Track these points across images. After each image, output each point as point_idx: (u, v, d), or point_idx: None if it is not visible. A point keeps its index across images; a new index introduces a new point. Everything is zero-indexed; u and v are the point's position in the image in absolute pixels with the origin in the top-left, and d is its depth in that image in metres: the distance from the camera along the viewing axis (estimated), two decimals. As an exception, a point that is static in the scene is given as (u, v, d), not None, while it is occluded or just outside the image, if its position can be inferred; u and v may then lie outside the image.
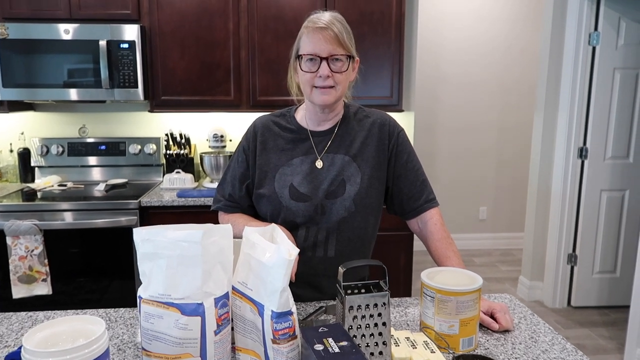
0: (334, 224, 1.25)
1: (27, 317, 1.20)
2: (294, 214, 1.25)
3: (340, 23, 1.20)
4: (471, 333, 1.01)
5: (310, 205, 1.25)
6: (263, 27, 2.73)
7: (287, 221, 1.26)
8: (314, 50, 1.18)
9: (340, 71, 1.20)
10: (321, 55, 1.17)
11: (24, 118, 3.01)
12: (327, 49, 1.17)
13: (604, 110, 3.14)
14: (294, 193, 1.26)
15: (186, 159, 2.93)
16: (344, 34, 1.19)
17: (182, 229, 0.86)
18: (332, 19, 1.19)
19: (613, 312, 3.26)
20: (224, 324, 0.89)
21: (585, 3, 3.05)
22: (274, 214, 1.28)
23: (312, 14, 1.24)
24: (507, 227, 4.67)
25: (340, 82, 1.21)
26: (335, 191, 1.25)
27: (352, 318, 0.92)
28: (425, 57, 4.29)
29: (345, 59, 1.20)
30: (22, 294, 2.35)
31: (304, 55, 1.19)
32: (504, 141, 4.52)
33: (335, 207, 1.25)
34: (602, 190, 3.22)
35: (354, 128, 1.31)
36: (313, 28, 1.18)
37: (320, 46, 1.17)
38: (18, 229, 2.30)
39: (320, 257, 1.26)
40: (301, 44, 1.21)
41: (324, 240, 1.26)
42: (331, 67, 1.18)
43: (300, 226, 1.26)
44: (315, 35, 1.17)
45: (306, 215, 1.25)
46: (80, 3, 2.60)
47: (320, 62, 1.18)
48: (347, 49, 1.20)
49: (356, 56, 1.26)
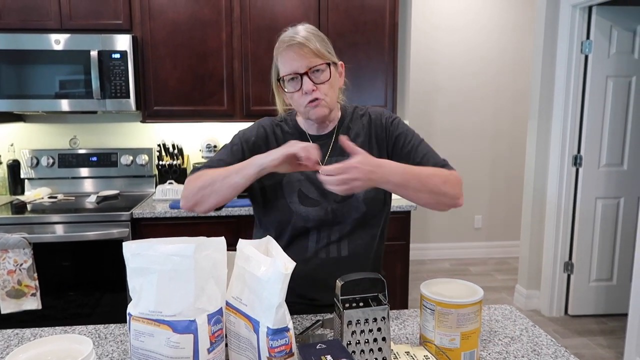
0: (347, 226, 1.24)
1: (14, 335, 1.16)
2: (304, 219, 1.24)
3: (311, 33, 1.18)
4: (473, 347, 0.98)
5: (320, 209, 1.23)
6: (256, 37, 2.71)
7: (297, 227, 1.24)
8: (292, 69, 1.16)
9: (324, 81, 1.18)
10: (299, 71, 1.16)
11: (14, 129, 2.97)
12: (303, 64, 1.15)
13: (598, 117, 3.15)
14: (303, 199, 1.24)
15: (179, 169, 2.89)
16: (317, 43, 1.16)
17: (173, 243, 0.83)
18: (302, 32, 1.17)
19: (611, 321, 3.24)
20: (218, 342, 0.85)
21: (577, 12, 3.07)
22: (282, 220, 1.25)
23: (281, 32, 1.21)
24: (503, 236, 4.66)
25: (326, 92, 1.19)
26: (343, 196, 1.23)
27: (351, 333, 0.89)
28: (418, 65, 4.30)
29: (325, 67, 1.18)
30: (11, 309, 2.29)
31: (284, 77, 1.18)
32: (498, 149, 4.53)
33: (347, 210, 1.24)
34: (597, 197, 3.22)
35: (352, 128, 1.30)
36: (284, 48, 1.16)
37: (296, 63, 1.15)
38: (7, 242, 2.25)
39: (334, 257, 1.25)
40: (279, 65, 1.20)
41: (337, 241, 1.25)
42: (313, 79, 1.16)
43: (312, 230, 1.25)
44: (288, 54, 1.15)
45: (317, 219, 1.24)
46: (72, 13, 2.58)
47: (301, 78, 1.16)
48: (324, 57, 1.17)
49: (337, 61, 1.24)
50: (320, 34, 1.21)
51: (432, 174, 1.11)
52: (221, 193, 1.13)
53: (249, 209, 2.51)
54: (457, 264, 4.44)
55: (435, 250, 4.59)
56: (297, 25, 1.21)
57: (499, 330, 1.15)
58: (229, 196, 1.14)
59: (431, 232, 4.58)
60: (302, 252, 1.25)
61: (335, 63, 1.22)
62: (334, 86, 1.22)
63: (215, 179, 1.14)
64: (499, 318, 1.22)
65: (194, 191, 1.16)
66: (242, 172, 1.11)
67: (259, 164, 1.09)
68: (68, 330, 1.19)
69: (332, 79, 1.20)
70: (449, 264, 4.44)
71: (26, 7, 2.55)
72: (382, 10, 2.76)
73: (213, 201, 1.15)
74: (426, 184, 1.09)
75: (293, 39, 1.15)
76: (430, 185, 1.10)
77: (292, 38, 1.15)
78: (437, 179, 1.11)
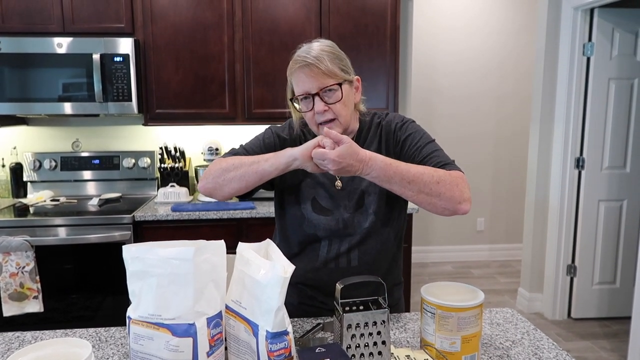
0: (357, 237, 1.24)
1: (15, 338, 1.16)
2: (315, 227, 1.24)
3: (325, 51, 1.16)
4: (473, 350, 0.98)
5: (332, 219, 1.24)
6: (258, 40, 2.72)
7: (308, 234, 1.25)
8: (304, 89, 1.16)
9: (336, 101, 1.16)
10: (311, 92, 1.15)
11: (17, 132, 2.98)
12: (315, 85, 1.14)
13: (600, 120, 3.14)
14: (316, 206, 1.25)
15: (181, 172, 2.90)
16: (329, 63, 1.14)
17: (173, 246, 0.83)
18: (314, 51, 1.15)
19: (614, 324, 3.22)
20: (217, 345, 0.85)
21: (579, 14, 3.07)
22: (294, 223, 1.27)
23: (298, 48, 1.20)
24: (505, 238, 4.64)
25: (340, 112, 1.18)
26: (355, 205, 1.24)
27: (351, 337, 0.89)
28: (420, 69, 4.30)
29: (337, 87, 1.16)
30: (13, 312, 2.30)
31: (298, 96, 1.19)
32: (500, 152, 4.52)
33: (357, 220, 1.24)
34: (600, 200, 3.20)
35: (368, 138, 1.29)
36: (297, 68, 1.16)
37: (307, 84, 1.15)
38: (9, 245, 2.25)
39: (343, 267, 1.25)
40: (293, 83, 1.20)
41: (346, 252, 1.25)
42: (325, 100, 1.16)
43: (323, 239, 1.25)
44: (300, 74, 1.15)
45: (327, 229, 1.24)
46: (74, 17, 2.59)
47: (313, 99, 1.16)
48: (336, 76, 1.15)
49: (352, 77, 1.21)
50: (335, 50, 1.19)
51: (422, 172, 1.07)
52: (245, 178, 1.13)
53: (250, 212, 2.51)
54: (460, 267, 4.43)
55: (438, 253, 4.58)
56: (313, 42, 1.20)
57: (500, 334, 1.15)
58: (253, 183, 1.14)
59: (433, 234, 4.57)
60: (312, 260, 1.26)
61: (350, 80, 1.20)
62: (347, 104, 1.19)
63: (243, 163, 1.14)
64: (500, 321, 1.22)
65: (217, 173, 1.16)
66: (272, 161, 1.11)
67: (290, 154, 1.09)
68: (69, 334, 1.19)
69: (344, 98, 1.18)
70: (451, 267, 4.43)
71: (29, 11, 2.57)
72: (383, 13, 2.76)
73: (235, 186, 1.15)
74: (413, 181, 1.06)
75: (304, 59, 1.14)
76: (419, 184, 1.06)
77: (304, 59, 1.14)
78: (427, 177, 1.06)
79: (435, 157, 1.18)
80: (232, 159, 1.18)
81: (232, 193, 1.17)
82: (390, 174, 1.05)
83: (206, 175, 1.19)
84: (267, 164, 1.11)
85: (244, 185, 1.15)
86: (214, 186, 1.17)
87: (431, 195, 1.07)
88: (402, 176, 1.06)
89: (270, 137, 1.29)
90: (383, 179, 1.06)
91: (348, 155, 1.02)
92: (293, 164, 1.09)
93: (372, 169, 1.05)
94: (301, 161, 1.08)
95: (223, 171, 1.16)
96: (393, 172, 1.05)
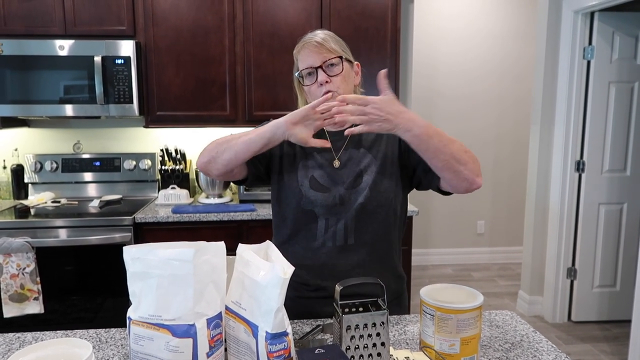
0: (352, 212, 1.27)
1: (15, 339, 1.16)
2: (312, 203, 1.28)
3: (327, 34, 1.29)
4: (472, 352, 0.98)
5: (329, 196, 1.28)
6: (259, 43, 2.73)
7: (305, 210, 1.29)
8: (308, 64, 1.27)
9: (337, 74, 1.26)
10: (314, 65, 1.26)
11: (18, 134, 2.99)
12: (318, 59, 1.25)
13: (600, 123, 3.14)
14: (314, 184, 1.30)
15: (181, 174, 2.90)
16: (331, 41, 1.27)
17: (173, 247, 0.84)
18: (320, 35, 1.28)
19: (614, 327, 3.22)
20: (217, 346, 0.86)
21: (579, 17, 3.08)
22: (292, 203, 1.31)
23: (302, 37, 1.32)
24: (506, 241, 4.64)
25: (339, 84, 1.26)
26: (353, 182, 1.29)
27: (350, 338, 0.89)
28: (420, 71, 4.31)
29: (338, 60, 1.26)
30: (14, 313, 2.30)
31: (302, 71, 1.28)
32: (500, 155, 4.52)
33: (354, 197, 1.28)
34: (600, 203, 3.21)
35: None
36: (302, 46, 1.29)
37: (311, 59, 1.26)
38: (10, 246, 2.26)
39: (340, 245, 1.28)
40: (298, 63, 1.31)
41: (343, 230, 1.28)
42: (328, 72, 1.26)
43: (320, 217, 1.28)
44: (304, 51, 1.28)
45: (324, 205, 1.28)
46: (76, 19, 2.60)
47: (317, 71, 1.26)
48: (336, 51, 1.26)
49: (352, 60, 1.32)
50: (337, 37, 1.32)
51: (454, 140, 1.13)
52: (234, 148, 1.21)
53: (250, 214, 2.51)
54: (460, 270, 4.43)
55: (438, 255, 4.58)
56: (316, 30, 1.32)
57: (500, 336, 1.15)
58: (242, 153, 1.21)
59: (433, 237, 4.57)
60: (310, 240, 1.29)
61: (350, 61, 1.31)
62: (347, 80, 1.29)
63: (234, 137, 1.24)
64: (499, 323, 1.22)
65: (212, 147, 1.27)
66: (258, 131, 1.20)
67: (274, 122, 1.17)
68: (69, 334, 1.19)
69: (345, 72, 1.27)
70: (451, 270, 4.43)
71: (31, 13, 2.58)
72: (384, 16, 2.77)
73: (227, 156, 1.22)
74: (448, 145, 1.10)
75: (311, 39, 1.27)
76: (452, 148, 1.10)
77: (311, 38, 1.28)
78: (458, 145, 1.12)
79: None
80: (226, 136, 1.28)
81: (224, 164, 1.24)
82: (432, 133, 1.08)
83: (203, 152, 1.29)
84: (253, 133, 1.20)
85: (234, 155, 1.21)
86: (209, 159, 1.25)
87: (460, 163, 1.11)
88: (441, 137, 1.09)
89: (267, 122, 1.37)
90: (424, 137, 1.08)
91: (391, 104, 1.06)
92: (277, 132, 1.17)
93: (415, 124, 1.07)
94: (285, 129, 1.15)
95: (217, 145, 1.26)
96: (434, 131, 1.09)
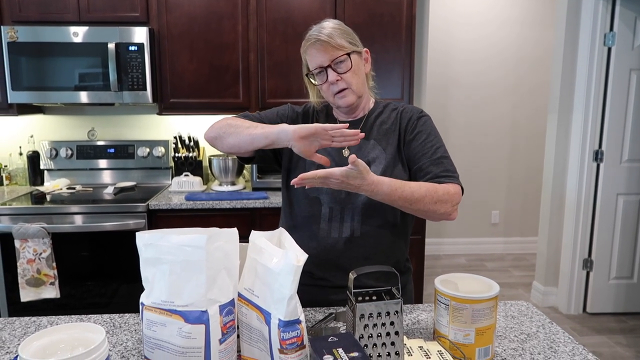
0: (359, 203, 1.27)
1: (31, 322, 1.18)
2: (317, 190, 1.28)
3: (334, 29, 1.25)
4: (488, 342, 0.97)
5: None
6: (272, 30, 2.70)
7: (311, 197, 1.29)
8: (317, 64, 1.26)
9: (346, 71, 1.25)
10: (323, 65, 1.25)
11: (33, 121, 3.01)
12: (325, 58, 1.24)
13: (620, 112, 3.07)
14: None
15: (195, 161, 2.91)
16: (336, 36, 1.23)
17: (185, 233, 0.83)
18: (325, 30, 1.24)
19: (630, 319, 3.18)
20: (230, 332, 0.85)
21: (601, 3, 2.99)
22: (298, 189, 1.30)
23: (309, 29, 1.29)
24: (520, 232, 4.59)
25: (350, 80, 1.26)
26: None
27: (363, 327, 0.88)
28: (435, 58, 4.25)
29: (345, 57, 1.24)
30: (30, 298, 2.34)
31: (312, 71, 1.28)
32: (516, 144, 4.45)
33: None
34: (619, 194, 3.14)
35: (381, 117, 1.35)
36: (307, 46, 1.26)
37: (318, 58, 1.25)
38: (26, 232, 2.29)
39: (346, 237, 1.27)
40: (307, 60, 1.29)
41: (349, 221, 1.27)
42: (337, 70, 1.24)
43: (324, 205, 1.28)
44: (311, 51, 1.26)
45: (329, 192, 1.27)
46: (89, 6, 2.60)
47: (326, 71, 1.25)
48: (343, 47, 1.24)
49: (360, 49, 1.29)
50: (343, 27, 1.28)
51: (424, 195, 1.14)
52: (239, 137, 1.22)
53: (263, 202, 2.51)
54: (473, 260, 4.39)
55: (451, 245, 4.55)
56: (322, 22, 1.28)
57: (515, 327, 1.13)
58: (246, 145, 1.21)
59: (447, 227, 4.53)
60: (315, 228, 1.29)
61: (359, 52, 1.28)
62: (357, 73, 1.27)
63: (244, 124, 1.24)
64: (515, 314, 1.20)
65: (221, 124, 1.28)
66: (266, 129, 1.18)
67: (282, 127, 1.15)
68: (84, 319, 1.20)
69: (354, 66, 1.26)
70: (464, 260, 4.40)
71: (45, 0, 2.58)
72: (399, 2, 2.72)
73: (231, 141, 1.24)
74: (414, 203, 1.13)
75: (317, 37, 1.24)
76: (419, 206, 1.14)
77: (316, 37, 1.24)
78: (428, 199, 1.14)
79: (442, 165, 1.25)
80: (239, 119, 1.29)
81: (229, 147, 1.26)
82: (395, 198, 1.12)
83: (213, 126, 1.30)
84: (260, 129, 1.19)
85: (237, 143, 1.22)
86: (216, 135, 1.27)
87: (427, 212, 1.17)
88: (405, 199, 1.13)
89: (286, 109, 1.40)
90: (387, 200, 1.13)
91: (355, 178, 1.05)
92: (282, 137, 1.14)
93: (377, 193, 1.10)
94: (291, 138, 1.12)
95: (227, 126, 1.26)
96: (397, 196, 1.12)
